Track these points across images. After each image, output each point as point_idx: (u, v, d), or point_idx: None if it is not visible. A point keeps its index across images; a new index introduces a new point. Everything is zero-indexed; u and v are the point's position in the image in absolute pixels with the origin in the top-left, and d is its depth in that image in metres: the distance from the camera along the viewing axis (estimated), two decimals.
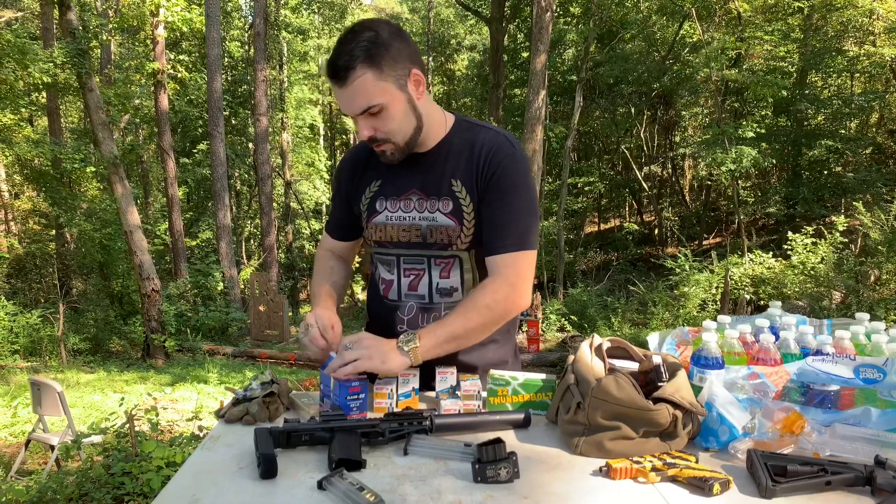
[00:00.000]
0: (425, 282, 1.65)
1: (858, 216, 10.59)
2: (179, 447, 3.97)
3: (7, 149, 14.36)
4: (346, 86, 1.43)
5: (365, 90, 1.43)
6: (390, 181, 1.65)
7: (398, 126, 1.51)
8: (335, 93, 1.48)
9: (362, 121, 1.49)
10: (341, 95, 1.46)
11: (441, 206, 1.59)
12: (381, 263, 1.71)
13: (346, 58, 1.41)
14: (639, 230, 20.35)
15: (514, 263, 1.53)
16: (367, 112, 1.46)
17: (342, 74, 1.42)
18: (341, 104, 1.49)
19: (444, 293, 1.65)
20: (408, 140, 1.54)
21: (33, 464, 5.31)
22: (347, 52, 1.41)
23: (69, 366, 10.46)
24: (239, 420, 1.40)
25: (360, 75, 1.42)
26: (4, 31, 10.78)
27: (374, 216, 1.66)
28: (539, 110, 11.32)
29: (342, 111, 1.51)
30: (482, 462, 1.14)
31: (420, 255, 1.64)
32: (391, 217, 1.64)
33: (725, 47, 13.94)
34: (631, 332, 11.06)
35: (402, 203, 1.63)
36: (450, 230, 1.59)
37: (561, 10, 18.09)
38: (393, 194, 1.64)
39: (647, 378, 1.36)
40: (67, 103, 20.30)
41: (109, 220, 15.38)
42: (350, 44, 1.41)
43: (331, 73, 1.44)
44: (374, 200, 1.67)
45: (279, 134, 24.07)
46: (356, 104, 1.45)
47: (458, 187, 1.59)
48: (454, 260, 1.63)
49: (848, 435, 1.21)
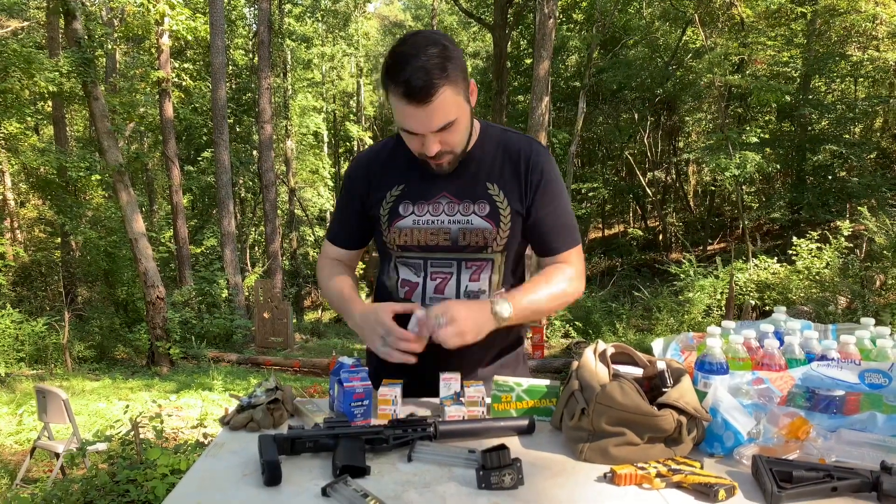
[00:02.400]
0: (452, 284, 1.65)
1: (863, 221, 10.56)
2: (184, 454, 3.96)
3: (13, 157, 14.44)
4: (429, 104, 1.39)
5: (445, 107, 1.41)
6: (416, 185, 1.64)
7: (462, 138, 1.53)
8: (404, 111, 1.42)
9: (432, 138, 1.46)
10: (417, 114, 1.41)
11: (477, 209, 1.61)
12: (404, 266, 1.69)
13: (426, 76, 1.37)
14: (643, 236, 20.33)
15: (578, 257, 1.67)
16: (443, 128, 1.45)
17: (425, 94, 1.38)
18: (414, 122, 1.44)
19: (471, 296, 1.65)
20: (463, 149, 1.56)
21: (38, 471, 5.31)
22: (423, 69, 1.37)
23: (74, 373, 10.47)
24: (243, 427, 1.41)
25: (441, 93, 1.39)
26: (10, 40, 10.85)
27: (397, 220, 1.64)
28: (542, 117, 11.33)
29: (409, 128, 1.45)
30: (486, 468, 1.14)
31: (449, 259, 1.64)
32: (419, 221, 1.63)
33: (729, 53, 13.95)
34: (636, 338, 11.03)
35: (430, 207, 1.62)
36: (486, 232, 1.61)
37: (564, 16, 18.17)
38: (421, 198, 1.63)
39: (651, 384, 1.36)
40: (73, 112, 20.40)
41: (114, 228, 15.44)
42: (420, 59, 1.37)
43: (409, 93, 1.38)
44: (396, 204, 1.64)
45: (283, 141, 24.13)
46: (435, 122, 1.43)
47: (495, 191, 1.62)
48: (487, 263, 1.65)
49: (853, 440, 1.20)
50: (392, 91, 1.41)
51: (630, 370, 1.39)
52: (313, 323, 18.94)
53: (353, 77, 32.82)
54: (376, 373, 1.65)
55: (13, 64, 10.27)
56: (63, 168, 12.94)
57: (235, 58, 23.08)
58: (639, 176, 20.39)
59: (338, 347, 12.55)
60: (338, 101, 33.01)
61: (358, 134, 30.17)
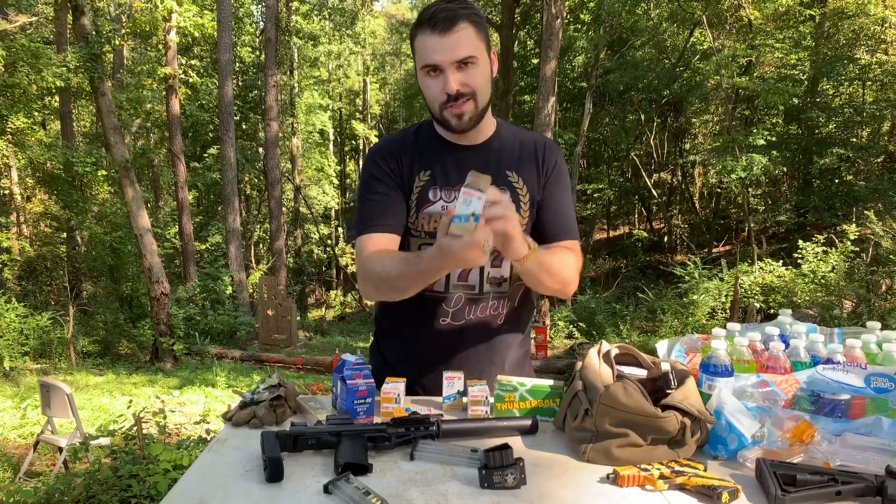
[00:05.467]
0: (476, 271, 1.66)
1: (870, 225, 10.52)
2: (187, 450, 3.97)
3: (20, 152, 14.49)
4: (450, 34, 1.47)
5: (467, 40, 1.49)
6: (442, 171, 1.65)
7: (483, 84, 1.54)
8: (427, 43, 1.49)
9: (452, 73, 1.49)
10: (440, 43, 1.48)
11: None
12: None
13: (451, 11, 1.47)
14: (648, 237, 20.28)
15: (578, 250, 1.70)
16: (462, 62, 1.49)
17: (447, 23, 1.46)
18: (436, 53, 1.49)
19: (494, 283, 1.67)
20: (483, 107, 1.57)
21: (41, 465, 5.34)
22: (451, 9, 1.47)
23: (78, 368, 10.51)
24: (246, 423, 1.41)
25: (463, 27, 1.48)
26: (19, 35, 10.88)
27: (426, 205, 1.64)
28: (549, 117, 11.31)
29: (431, 60, 1.49)
30: (489, 468, 1.13)
31: None
32: (447, 207, 1.61)
33: (736, 55, 13.91)
34: (640, 340, 11.01)
35: (456, 193, 1.60)
36: None
37: (571, 17, 18.11)
38: (446, 185, 1.64)
39: (655, 385, 1.35)
40: (80, 107, 20.49)
41: (120, 224, 15.49)
42: (451, 3, 1.48)
43: (432, 20, 1.47)
44: (425, 190, 1.65)
45: (289, 139, 24.18)
46: (458, 51, 1.48)
47: (515, 178, 1.66)
48: None
49: (858, 444, 1.20)
50: (418, 31, 1.51)
51: (634, 371, 1.39)
52: (317, 320, 18.97)
53: (360, 75, 32.85)
54: (379, 371, 1.65)
55: (21, 59, 10.32)
56: (69, 163, 13.00)
57: (242, 55, 23.13)
58: (644, 177, 20.34)
59: (341, 345, 12.58)
60: (344, 100, 33.05)
61: (364, 132, 30.20)
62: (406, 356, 1.73)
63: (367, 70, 32.75)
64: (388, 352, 1.80)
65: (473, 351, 1.56)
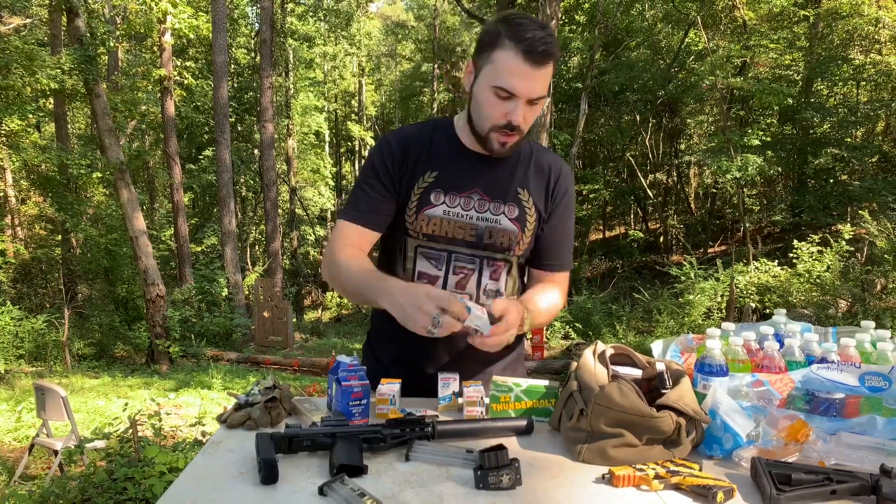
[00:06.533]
0: (474, 281, 1.66)
1: (864, 225, 10.55)
2: (182, 452, 3.96)
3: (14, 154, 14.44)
4: (542, 68, 1.45)
5: (547, 80, 1.48)
6: (450, 175, 1.62)
7: (532, 122, 1.54)
8: (515, 69, 1.44)
9: (523, 107, 1.48)
10: (530, 74, 1.44)
11: (507, 210, 1.63)
12: (424, 258, 1.65)
13: (549, 42, 1.43)
14: (644, 238, 20.32)
15: (566, 280, 1.76)
16: (536, 99, 1.48)
17: (545, 56, 1.43)
18: (521, 83, 1.44)
19: (490, 295, 1.67)
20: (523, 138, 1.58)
21: (37, 468, 5.31)
22: (548, 42, 1.43)
23: (74, 371, 10.47)
24: (241, 425, 1.40)
25: (551, 64, 1.46)
26: (13, 37, 10.86)
27: (427, 207, 1.61)
28: (544, 118, 11.32)
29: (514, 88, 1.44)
30: (484, 468, 1.13)
31: (473, 255, 1.65)
32: (449, 212, 1.61)
33: (731, 55, 13.93)
34: (635, 340, 11.03)
35: (462, 200, 1.62)
36: (512, 235, 1.63)
37: (566, 17, 18.13)
38: (453, 189, 1.62)
39: (650, 385, 1.35)
40: (74, 109, 20.40)
41: (115, 226, 15.46)
42: (547, 34, 1.44)
43: (531, 50, 1.42)
44: (428, 191, 1.62)
45: (285, 140, 24.14)
46: (539, 88, 1.47)
47: (525, 196, 1.65)
48: (506, 264, 1.68)
49: (853, 443, 1.20)
50: (507, 47, 1.43)
51: (629, 371, 1.39)
52: (313, 322, 18.94)
53: (355, 77, 32.82)
54: (373, 371, 1.65)
55: (15, 61, 10.28)
56: (64, 165, 12.97)
57: (237, 56, 23.10)
58: (640, 178, 20.37)
59: (337, 347, 12.55)
60: (339, 101, 33.01)
61: (359, 133, 30.18)
62: (398, 359, 1.72)
63: (363, 71, 32.73)
64: (381, 353, 1.79)
65: (466, 354, 1.55)
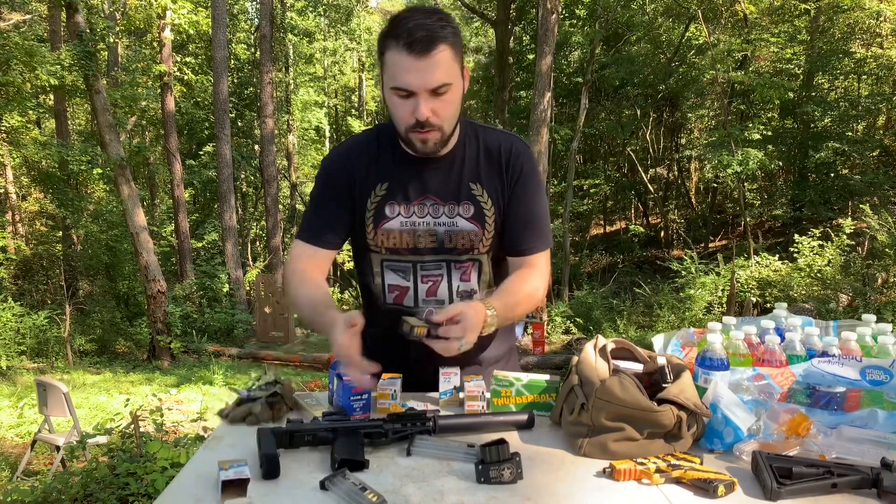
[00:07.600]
0: (444, 286, 1.63)
1: (865, 219, 10.53)
2: (184, 448, 3.97)
3: (15, 151, 14.47)
4: (429, 57, 1.37)
5: (445, 66, 1.40)
6: (399, 185, 1.58)
7: (453, 114, 1.47)
8: (402, 64, 1.38)
9: (425, 100, 1.41)
10: (416, 67, 1.37)
11: (462, 210, 1.58)
12: (391, 271, 1.64)
13: (428, 30, 1.36)
14: (644, 232, 20.29)
15: (545, 261, 1.64)
16: (438, 89, 1.40)
17: (427, 45, 1.36)
18: (411, 77, 1.39)
19: (464, 296, 1.63)
20: (450, 132, 1.51)
21: (39, 464, 5.33)
22: (426, 25, 1.37)
23: (75, 367, 10.49)
24: (242, 420, 1.40)
25: (442, 50, 1.38)
26: (12, 33, 10.85)
27: (384, 221, 1.58)
28: (544, 112, 11.30)
29: (405, 84, 1.39)
30: (485, 463, 1.13)
31: (438, 261, 1.61)
32: (405, 223, 1.58)
33: (732, 49, 13.90)
34: (636, 335, 11.02)
35: (415, 208, 1.58)
36: (472, 234, 1.59)
37: (567, 12, 18.10)
38: (405, 199, 1.58)
39: (651, 379, 1.35)
40: (75, 105, 20.39)
41: (116, 222, 15.46)
42: (429, 20, 1.38)
43: (411, 43, 1.36)
44: (382, 205, 1.58)
45: (285, 136, 24.12)
46: (435, 77, 1.39)
47: (479, 191, 1.58)
48: (474, 263, 1.63)
49: (854, 437, 1.20)
50: (391, 46, 1.39)
51: (630, 365, 1.39)
52: None
53: (355, 72, 32.78)
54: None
55: (15, 57, 10.28)
56: (64, 161, 12.97)
57: (237, 52, 23.06)
58: (641, 172, 20.35)
59: None
60: (340, 96, 32.97)
61: (360, 129, 30.13)
62: (389, 358, 1.70)
63: (363, 66, 32.66)
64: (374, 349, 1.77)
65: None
